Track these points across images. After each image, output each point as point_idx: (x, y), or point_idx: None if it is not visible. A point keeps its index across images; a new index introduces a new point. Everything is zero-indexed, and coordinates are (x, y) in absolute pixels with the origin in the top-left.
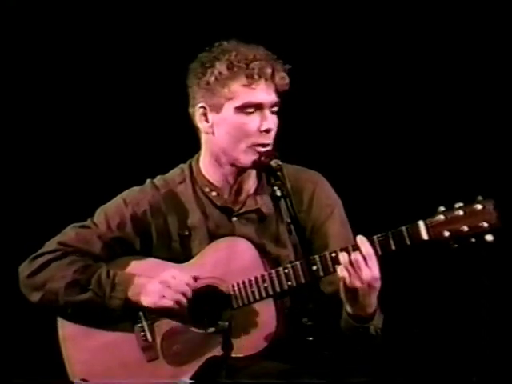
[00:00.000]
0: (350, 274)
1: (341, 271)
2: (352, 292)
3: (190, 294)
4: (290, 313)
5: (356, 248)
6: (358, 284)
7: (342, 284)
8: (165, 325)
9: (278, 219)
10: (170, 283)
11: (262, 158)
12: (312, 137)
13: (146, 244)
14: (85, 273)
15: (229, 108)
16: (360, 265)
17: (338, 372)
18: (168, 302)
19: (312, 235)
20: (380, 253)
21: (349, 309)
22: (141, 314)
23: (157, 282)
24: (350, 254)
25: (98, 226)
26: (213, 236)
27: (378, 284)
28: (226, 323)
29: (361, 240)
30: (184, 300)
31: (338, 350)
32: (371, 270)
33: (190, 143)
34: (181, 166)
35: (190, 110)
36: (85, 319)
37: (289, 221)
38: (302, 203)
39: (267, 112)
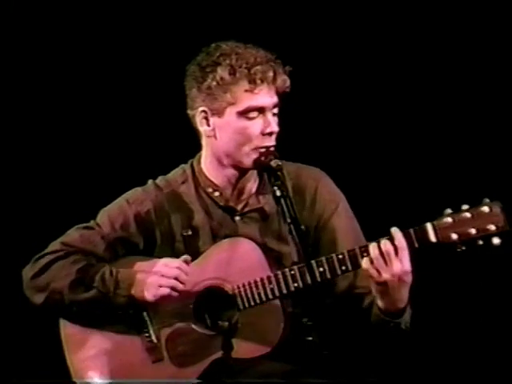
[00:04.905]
0: (379, 267)
1: (366, 264)
2: (382, 285)
3: (183, 276)
4: (290, 313)
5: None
6: (387, 277)
7: (371, 277)
8: (170, 326)
9: (279, 217)
10: (162, 272)
11: (262, 158)
12: (317, 136)
13: (150, 244)
14: (88, 271)
15: (231, 112)
16: (391, 257)
17: (339, 372)
18: (165, 290)
19: (318, 232)
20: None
21: (380, 303)
22: (145, 314)
23: (152, 274)
24: (379, 246)
25: (102, 226)
26: (216, 236)
27: (408, 278)
28: (226, 323)
29: (395, 231)
30: (180, 285)
31: (339, 349)
32: (402, 263)
33: (190, 143)
34: (182, 166)
35: (189, 112)
36: (90, 318)
37: (289, 221)
38: (304, 201)
39: (269, 115)
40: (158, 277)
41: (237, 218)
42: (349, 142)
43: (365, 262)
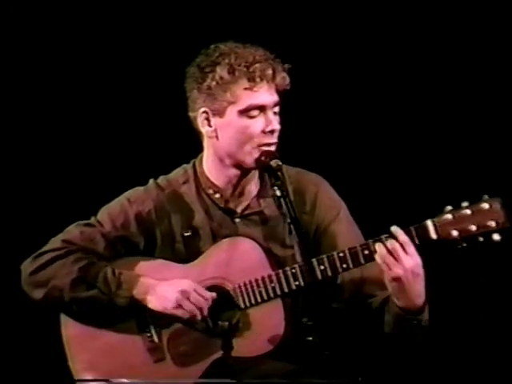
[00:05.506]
0: (390, 264)
1: (380, 258)
2: (397, 281)
3: (206, 311)
4: (291, 312)
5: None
6: (400, 272)
7: (385, 275)
8: (171, 326)
9: (282, 221)
10: (190, 295)
11: (262, 158)
12: (316, 137)
13: (150, 244)
14: (90, 270)
15: (232, 112)
16: (399, 253)
17: (339, 372)
18: (184, 313)
19: (318, 237)
20: None
21: (399, 302)
22: (146, 313)
23: (174, 290)
24: (384, 245)
25: (103, 224)
26: (216, 237)
27: (420, 270)
28: (226, 323)
29: (395, 229)
30: (200, 315)
31: (340, 349)
32: (412, 257)
33: (191, 144)
34: (184, 166)
35: (191, 113)
36: (90, 317)
37: (289, 220)
38: (304, 205)
39: (270, 113)
40: (183, 297)
41: (237, 220)
42: (348, 139)
43: (379, 256)
